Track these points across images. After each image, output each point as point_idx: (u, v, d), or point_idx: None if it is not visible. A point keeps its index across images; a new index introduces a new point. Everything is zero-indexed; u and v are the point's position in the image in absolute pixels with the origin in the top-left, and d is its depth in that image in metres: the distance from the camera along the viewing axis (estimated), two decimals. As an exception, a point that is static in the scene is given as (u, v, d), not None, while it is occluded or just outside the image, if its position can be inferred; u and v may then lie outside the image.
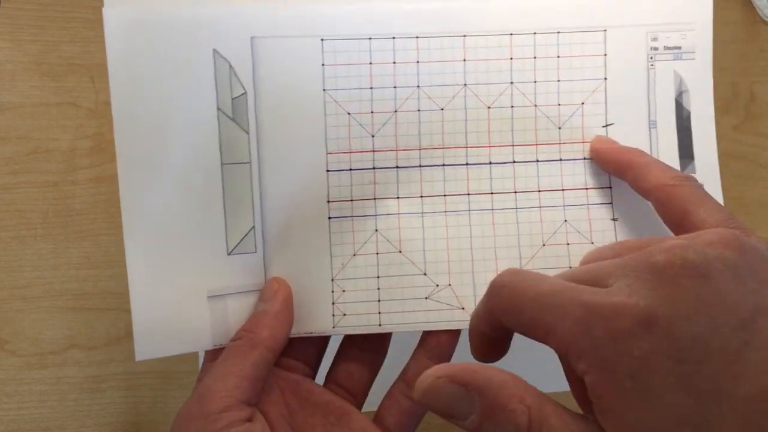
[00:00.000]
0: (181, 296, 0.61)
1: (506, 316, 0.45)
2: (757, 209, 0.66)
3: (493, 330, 0.48)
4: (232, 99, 0.61)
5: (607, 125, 0.63)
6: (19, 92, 0.84)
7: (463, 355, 0.57)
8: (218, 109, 0.60)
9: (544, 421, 0.42)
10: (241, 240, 0.61)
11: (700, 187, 0.55)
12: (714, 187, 0.64)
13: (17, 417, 0.81)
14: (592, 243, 0.63)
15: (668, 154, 0.62)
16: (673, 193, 0.55)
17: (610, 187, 0.64)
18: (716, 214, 0.52)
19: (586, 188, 0.63)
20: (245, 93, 0.61)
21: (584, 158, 0.64)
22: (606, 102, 0.64)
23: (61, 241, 0.83)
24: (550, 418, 0.42)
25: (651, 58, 0.63)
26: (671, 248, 0.42)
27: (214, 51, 0.60)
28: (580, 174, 0.63)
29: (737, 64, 0.82)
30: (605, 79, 0.63)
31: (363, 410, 0.65)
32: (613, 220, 0.63)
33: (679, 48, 0.62)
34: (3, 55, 0.84)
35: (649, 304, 0.40)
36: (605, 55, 0.63)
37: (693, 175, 0.59)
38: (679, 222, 0.54)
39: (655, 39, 0.62)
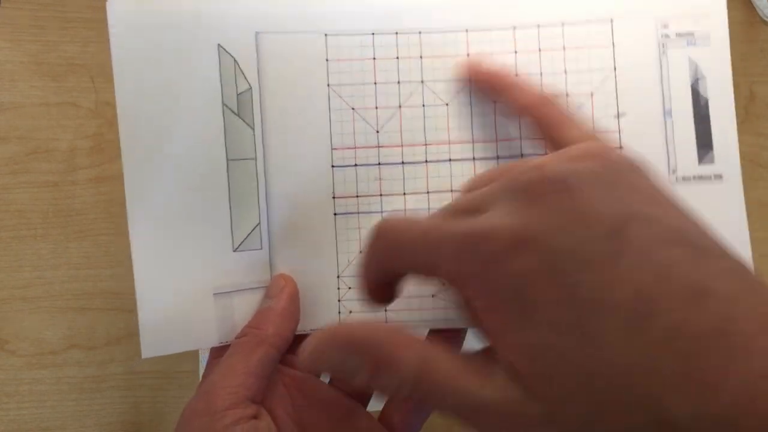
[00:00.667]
0: (187, 293, 0.62)
1: (393, 259, 0.47)
2: (757, 209, 0.65)
3: (384, 275, 0.50)
4: (237, 95, 0.62)
5: (618, 115, 0.62)
6: (19, 92, 0.86)
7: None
8: (223, 104, 0.61)
9: (434, 366, 0.43)
10: (247, 236, 0.62)
11: (562, 105, 0.58)
12: (734, 175, 0.65)
13: (17, 417, 0.83)
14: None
15: (685, 143, 0.63)
16: (540, 112, 0.58)
17: None
18: (582, 131, 0.55)
19: None
20: (250, 88, 0.62)
21: None
22: (616, 92, 0.64)
23: (61, 241, 0.84)
24: (440, 363, 0.43)
25: (663, 45, 0.63)
26: (532, 167, 0.44)
27: (219, 46, 0.62)
28: None
29: (737, 64, 0.81)
30: (614, 69, 0.64)
31: (368, 411, 0.65)
32: None
33: (693, 34, 0.62)
34: (3, 55, 0.85)
35: (521, 222, 0.42)
36: (613, 45, 0.63)
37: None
38: (551, 141, 0.56)
39: (665, 26, 0.62)
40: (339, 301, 0.64)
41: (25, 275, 0.85)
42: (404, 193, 0.64)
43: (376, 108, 0.65)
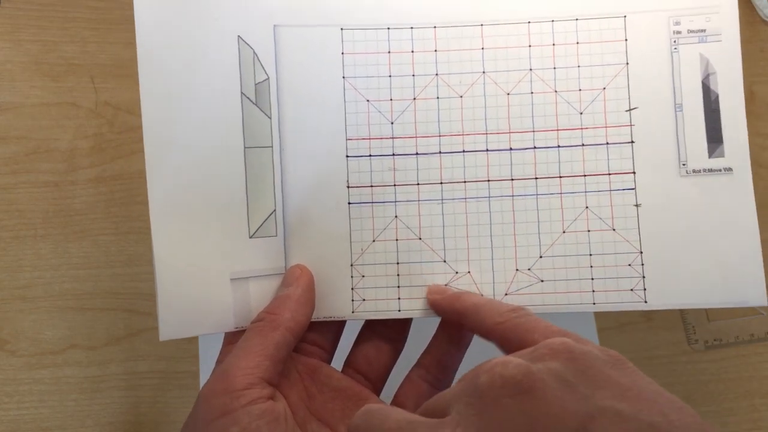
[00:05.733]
0: (205, 278, 0.67)
1: None
2: (758, 209, 0.67)
3: None
4: (255, 84, 0.68)
5: (630, 109, 0.68)
6: (19, 92, 0.91)
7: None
8: (242, 93, 0.66)
9: None
10: (263, 223, 0.68)
11: (530, 314, 0.58)
12: (744, 169, 0.68)
13: (17, 417, 0.87)
14: (614, 230, 0.69)
15: (695, 137, 0.67)
16: (507, 329, 0.58)
17: (634, 172, 0.69)
18: (550, 334, 0.54)
19: (609, 173, 0.68)
20: (268, 79, 0.68)
21: (607, 143, 0.69)
22: (628, 86, 0.69)
23: (61, 241, 0.88)
24: None
25: (674, 42, 0.68)
26: (493, 367, 0.45)
27: (239, 38, 0.68)
28: (602, 159, 0.67)
29: (737, 64, 0.84)
30: (627, 64, 0.69)
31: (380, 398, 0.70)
32: (637, 206, 0.67)
33: (704, 31, 0.67)
34: (3, 55, 0.90)
35: (472, 431, 0.42)
36: (626, 40, 0.69)
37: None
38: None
39: (677, 23, 0.67)
40: (352, 289, 0.69)
41: (25, 275, 0.90)
42: (418, 184, 0.69)
43: (391, 100, 0.70)
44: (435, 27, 0.69)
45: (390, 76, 0.69)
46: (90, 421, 0.88)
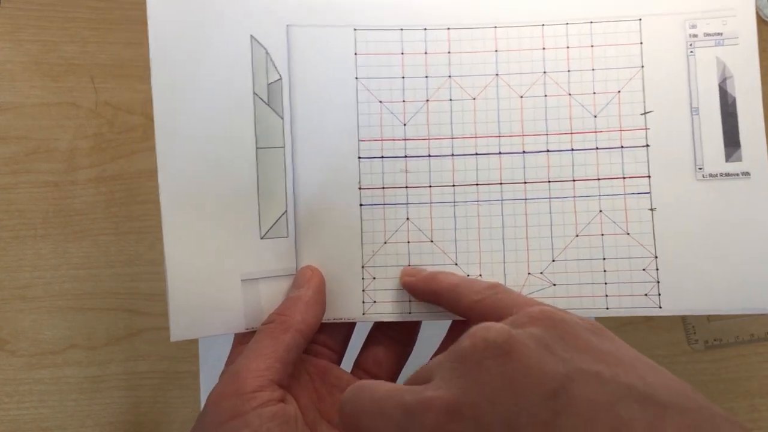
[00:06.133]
0: (216, 278, 0.66)
1: (351, 430, 0.49)
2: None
3: None
4: (268, 84, 0.68)
5: (645, 113, 0.67)
6: (19, 92, 0.91)
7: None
8: (254, 93, 0.65)
9: None
10: (274, 224, 0.68)
11: (508, 290, 0.59)
12: (762, 173, 0.67)
13: (17, 417, 0.86)
14: (628, 234, 0.68)
15: (712, 141, 0.67)
16: (485, 306, 0.58)
17: (649, 176, 0.68)
18: (529, 306, 0.53)
19: (623, 177, 0.67)
20: (280, 79, 0.68)
21: (621, 147, 0.68)
22: (644, 90, 0.69)
23: (61, 241, 0.87)
24: None
25: (690, 45, 0.67)
26: (475, 332, 0.45)
27: (252, 37, 0.68)
28: (617, 163, 0.67)
29: (737, 64, 0.84)
30: (642, 67, 0.68)
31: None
32: (651, 210, 0.66)
33: (721, 34, 0.66)
34: (3, 55, 0.90)
35: (455, 393, 0.43)
36: (641, 43, 0.68)
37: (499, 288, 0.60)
38: None
39: (693, 26, 0.67)
40: (363, 290, 0.68)
41: (25, 275, 0.89)
42: (430, 186, 0.69)
43: (404, 101, 0.69)
44: (449, 28, 0.68)
45: (403, 77, 0.68)
46: (90, 421, 0.88)
